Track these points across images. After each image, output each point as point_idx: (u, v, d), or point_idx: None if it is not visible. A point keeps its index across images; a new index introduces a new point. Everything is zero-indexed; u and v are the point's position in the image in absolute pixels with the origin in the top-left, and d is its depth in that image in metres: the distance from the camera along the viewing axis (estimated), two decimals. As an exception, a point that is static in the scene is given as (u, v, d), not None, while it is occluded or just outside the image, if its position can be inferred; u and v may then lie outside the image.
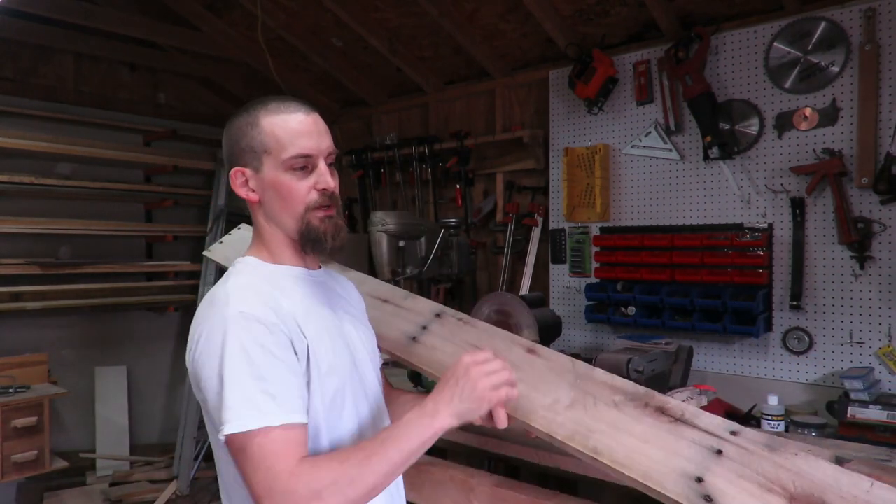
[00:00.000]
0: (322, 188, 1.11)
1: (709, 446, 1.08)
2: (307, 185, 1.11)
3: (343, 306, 1.24)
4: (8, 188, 3.51)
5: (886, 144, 2.22)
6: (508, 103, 3.46)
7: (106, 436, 4.00)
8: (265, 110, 1.12)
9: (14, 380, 3.04)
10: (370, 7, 3.22)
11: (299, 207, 1.11)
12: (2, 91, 3.70)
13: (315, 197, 1.11)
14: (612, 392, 1.20)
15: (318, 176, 1.11)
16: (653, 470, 1.06)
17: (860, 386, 2.08)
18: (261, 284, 1.09)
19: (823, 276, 2.38)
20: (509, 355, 1.30)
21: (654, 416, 1.14)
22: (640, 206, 2.85)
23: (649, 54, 2.79)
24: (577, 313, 3.01)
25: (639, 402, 1.17)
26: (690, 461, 1.06)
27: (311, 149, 1.10)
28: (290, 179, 1.10)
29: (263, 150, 1.11)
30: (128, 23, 3.73)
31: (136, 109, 4.32)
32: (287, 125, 1.10)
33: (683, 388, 2.13)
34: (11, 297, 3.49)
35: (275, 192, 1.12)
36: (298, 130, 1.10)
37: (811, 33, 2.37)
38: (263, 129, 1.11)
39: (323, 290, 1.20)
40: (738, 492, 1.01)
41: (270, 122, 1.11)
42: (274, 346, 1.00)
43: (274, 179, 1.11)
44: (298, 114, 1.12)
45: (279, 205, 1.12)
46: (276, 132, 1.10)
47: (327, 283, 1.24)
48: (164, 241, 4.26)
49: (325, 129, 1.14)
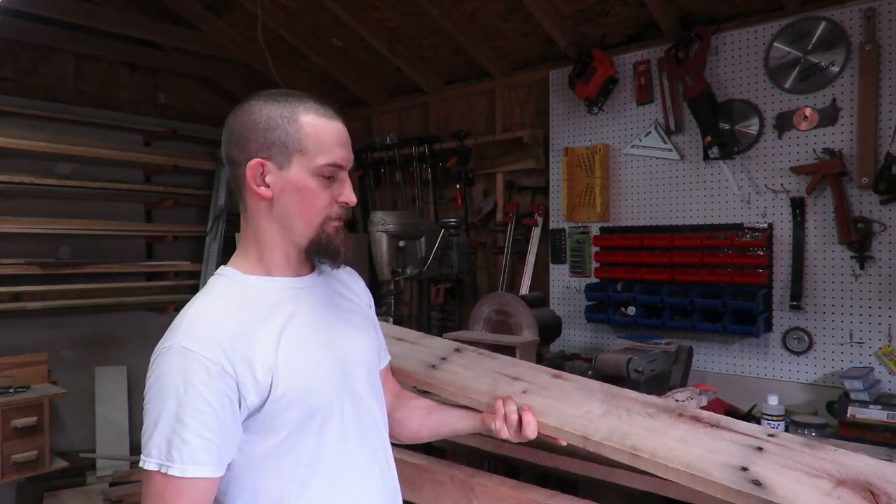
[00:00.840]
0: (344, 201, 1.10)
1: (748, 444, 1.10)
2: (330, 195, 1.09)
3: (336, 311, 1.19)
4: (8, 188, 3.51)
5: (886, 144, 2.22)
6: (508, 103, 3.46)
7: (106, 436, 4.00)
8: (304, 108, 1.07)
9: (14, 380, 3.04)
10: (370, 7, 3.22)
11: (318, 216, 1.09)
12: (2, 91, 3.70)
13: (336, 209, 1.10)
14: (644, 406, 1.21)
15: (343, 189, 1.10)
16: (696, 461, 1.07)
17: (860, 386, 2.08)
18: (224, 311, 1.03)
19: (823, 276, 2.38)
20: (535, 380, 1.30)
21: (690, 423, 1.16)
22: (640, 206, 2.85)
23: (649, 54, 2.79)
24: (577, 313, 3.01)
25: (672, 413, 1.19)
26: (732, 455, 1.08)
27: (343, 160, 1.09)
28: (316, 186, 1.07)
29: (298, 148, 1.06)
30: (128, 23, 3.73)
31: (136, 109, 4.32)
32: (330, 130, 1.08)
33: (683, 388, 2.13)
34: (11, 297, 3.49)
35: (297, 194, 1.07)
36: (338, 139, 1.09)
37: (811, 33, 2.37)
38: (303, 127, 1.06)
39: (312, 299, 1.14)
40: (785, 479, 1.02)
41: (313, 123, 1.07)
42: (207, 391, 0.96)
43: (301, 182, 1.06)
44: (338, 122, 1.10)
45: (297, 208, 1.07)
46: (320, 135, 1.06)
47: (319, 288, 1.18)
48: (164, 241, 4.26)
49: (350, 142, 1.14)
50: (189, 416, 0.95)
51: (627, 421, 1.18)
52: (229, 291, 1.08)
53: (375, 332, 1.30)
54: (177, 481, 0.94)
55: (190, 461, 0.94)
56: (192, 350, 0.97)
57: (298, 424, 1.05)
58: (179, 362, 0.97)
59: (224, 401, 0.97)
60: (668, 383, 2.41)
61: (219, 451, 0.97)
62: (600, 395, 1.26)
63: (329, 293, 1.20)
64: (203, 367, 0.96)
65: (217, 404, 0.96)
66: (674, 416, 1.17)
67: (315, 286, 1.17)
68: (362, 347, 1.20)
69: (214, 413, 0.96)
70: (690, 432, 1.13)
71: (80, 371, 3.93)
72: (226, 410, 0.98)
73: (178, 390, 0.95)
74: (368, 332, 1.25)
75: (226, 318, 1.02)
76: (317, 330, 1.11)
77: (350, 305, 1.24)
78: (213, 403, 0.96)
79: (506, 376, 1.37)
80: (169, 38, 3.90)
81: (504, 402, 1.24)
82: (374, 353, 1.25)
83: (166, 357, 0.98)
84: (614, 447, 1.12)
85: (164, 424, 0.95)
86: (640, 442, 1.12)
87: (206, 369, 0.96)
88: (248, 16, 3.54)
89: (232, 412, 0.98)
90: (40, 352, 3.32)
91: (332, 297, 1.20)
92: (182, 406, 0.95)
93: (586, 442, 1.15)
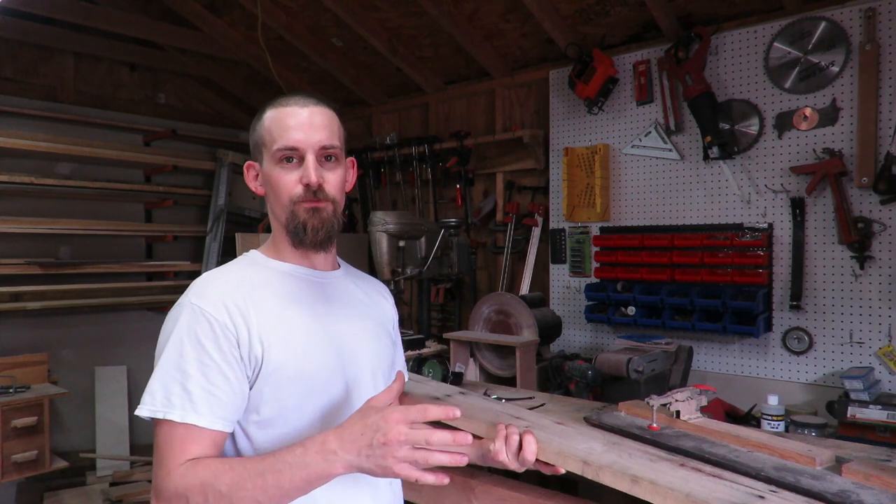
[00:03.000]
0: (305, 182, 1.10)
1: (749, 492, 1.12)
2: (293, 179, 1.11)
3: (349, 311, 1.20)
4: (8, 188, 3.51)
5: (886, 144, 2.22)
6: (508, 103, 3.46)
7: (106, 436, 4.00)
8: (270, 106, 1.15)
9: (14, 380, 3.04)
10: (370, 7, 3.22)
11: (285, 200, 1.12)
12: (2, 91, 3.70)
13: (300, 191, 1.11)
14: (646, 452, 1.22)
15: (304, 170, 1.11)
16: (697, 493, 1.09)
17: (860, 386, 2.08)
18: (236, 280, 1.09)
19: (823, 276, 2.38)
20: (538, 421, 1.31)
21: (692, 471, 1.18)
22: (640, 206, 2.85)
23: (649, 54, 2.79)
24: (577, 313, 3.01)
25: (674, 462, 1.22)
26: (733, 496, 1.10)
27: (297, 141, 1.10)
28: (279, 172, 1.12)
29: (262, 143, 1.14)
30: (128, 23, 3.73)
31: (136, 109, 4.32)
32: (279, 118, 1.12)
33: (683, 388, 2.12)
34: (11, 297, 3.49)
35: (270, 184, 1.14)
36: (288, 124, 1.11)
37: (811, 33, 2.37)
38: (263, 123, 1.14)
39: (324, 292, 1.17)
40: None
41: (269, 116, 1.14)
42: (212, 345, 1.00)
43: (268, 172, 1.14)
44: (294, 107, 1.12)
45: (273, 197, 1.14)
46: (270, 126, 1.13)
47: (337, 285, 1.21)
48: (164, 240, 4.27)
49: (323, 124, 1.13)
50: (194, 369, 0.99)
51: (629, 460, 1.20)
52: (245, 267, 1.15)
53: (390, 344, 1.30)
54: (182, 429, 0.97)
55: (200, 411, 0.97)
56: (200, 307, 1.02)
57: (293, 407, 1.06)
58: (187, 317, 1.02)
59: (228, 357, 1.01)
60: (668, 383, 2.41)
61: (219, 403, 0.99)
62: (602, 438, 1.28)
63: (346, 294, 1.22)
64: (208, 323, 1.01)
65: (220, 360, 1.00)
66: (676, 464, 1.20)
67: (334, 283, 1.21)
68: (370, 350, 1.20)
69: (218, 368, 1.00)
70: (692, 475, 1.16)
71: (80, 371, 3.94)
72: (230, 366, 1.01)
73: (182, 342, 1.00)
74: (381, 340, 1.25)
75: (236, 286, 1.07)
76: (322, 321, 1.13)
77: (365, 310, 1.25)
78: (217, 358, 1.00)
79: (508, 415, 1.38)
80: (169, 38, 3.90)
81: (506, 426, 1.20)
82: (386, 362, 1.25)
83: (175, 312, 1.05)
84: (614, 473, 1.13)
85: (167, 376, 0.99)
86: (641, 472, 1.14)
87: (210, 326, 1.01)
88: (248, 16, 3.54)
89: (236, 369, 1.01)
90: (40, 352, 3.32)
91: (348, 298, 1.22)
92: (186, 359, 0.99)
93: (586, 467, 1.16)
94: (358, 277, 1.30)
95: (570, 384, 2.38)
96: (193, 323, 1.01)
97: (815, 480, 1.22)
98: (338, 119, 1.18)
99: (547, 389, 2.43)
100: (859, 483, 1.21)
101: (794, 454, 1.33)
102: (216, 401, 0.99)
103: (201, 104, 4.72)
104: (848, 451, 1.41)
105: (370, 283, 1.34)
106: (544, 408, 1.85)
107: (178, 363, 0.99)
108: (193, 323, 1.01)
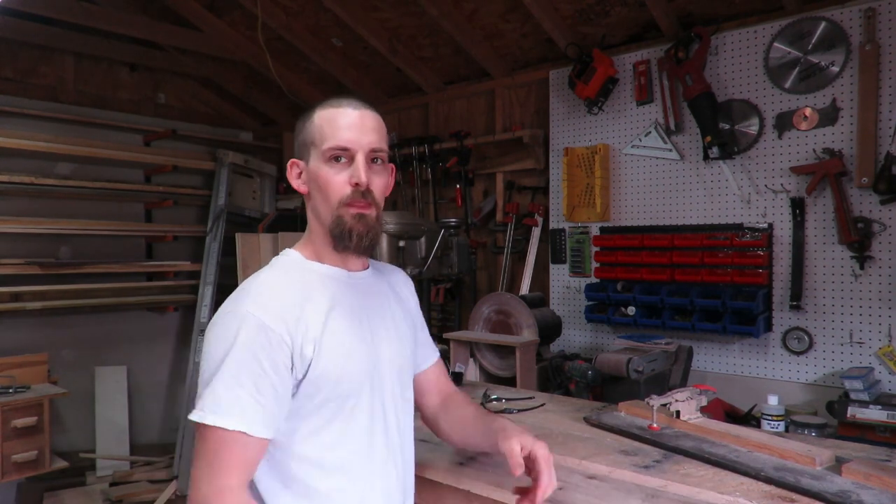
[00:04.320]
0: (354, 182, 1.10)
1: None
2: (342, 179, 1.11)
3: (380, 309, 1.21)
4: (8, 188, 3.51)
5: (886, 144, 2.22)
6: (508, 103, 3.46)
7: (106, 436, 4.00)
8: (320, 106, 1.15)
9: (14, 380, 3.04)
10: (370, 7, 3.22)
11: (333, 200, 1.11)
12: (2, 91, 3.70)
13: (348, 192, 1.10)
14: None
15: (354, 170, 1.10)
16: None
17: (860, 386, 2.08)
18: (287, 286, 1.09)
19: (823, 276, 2.38)
20: (569, 478, 1.28)
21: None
22: (640, 206, 2.85)
23: (649, 54, 2.79)
24: (577, 313, 3.01)
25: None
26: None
27: (348, 141, 1.10)
28: (327, 171, 1.11)
29: (311, 141, 1.14)
30: (128, 23, 3.73)
31: (136, 109, 4.32)
32: (331, 118, 1.12)
33: (683, 388, 2.12)
34: (11, 297, 3.49)
35: (315, 183, 1.13)
36: (340, 123, 1.11)
37: (811, 33, 2.37)
38: (314, 122, 1.14)
39: (359, 294, 1.18)
40: None
41: (320, 115, 1.14)
42: (266, 358, 1.01)
43: (315, 171, 1.13)
44: (347, 108, 1.13)
45: (319, 197, 1.13)
46: (322, 124, 1.12)
47: (369, 285, 1.22)
48: (164, 241, 4.27)
49: (374, 127, 1.13)
50: (248, 379, 1.00)
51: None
52: (290, 269, 1.15)
53: (416, 333, 1.32)
54: (232, 437, 0.98)
55: (250, 420, 0.98)
56: (257, 317, 1.02)
57: (328, 410, 1.08)
58: (239, 325, 1.02)
59: (280, 368, 1.02)
60: (668, 383, 2.41)
61: (267, 413, 1.01)
62: (640, 493, 1.22)
63: (379, 293, 1.23)
64: (265, 336, 1.01)
65: (272, 370, 1.01)
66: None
67: (365, 283, 1.21)
68: (398, 348, 1.22)
69: (269, 381, 1.01)
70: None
71: (80, 371, 3.94)
72: (280, 377, 1.02)
73: (239, 353, 1.00)
74: (407, 336, 1.27)
75: (286, 291, 1.08)
76: (357, 322, 1.14)
77: (395, 307, 1.26)
78: (268, 369, 1.01)
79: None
80: (169, 38, 3.90)
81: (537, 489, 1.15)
82: (409, 356, 1.26)
83: (228, 320, 1.03)
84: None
85: (222, 384, 0.99)
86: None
87: (268, 339, 1.01)
88: (248, 16, 3.54)
89: (284, 380, 1.03)
90: (40, 352, 3.32)
91: (380, 298, 1.23)
92: (241, 369, 1.00)
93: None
94: (383, 271, 1.31)
95: (570, 384, 2.38)
96: (252, 334, 1.01)
97: (815, 480, 1.22)
98: (384, 125, 1.18)
99: (547, 389, 2.43)
100: (859, 483, 1.21)
101: (794, 454, 1.33)
102: (268, 410, 1.01)
103: (201, 104, 4.72)
104: (848, 451, 1.41)
105: (393, 273, 1.35)
106: (544, 408, 1.85)
107: (233, 373, 1.00)
108: (252, 334, 1.01)
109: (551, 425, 1.67)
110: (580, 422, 1.70)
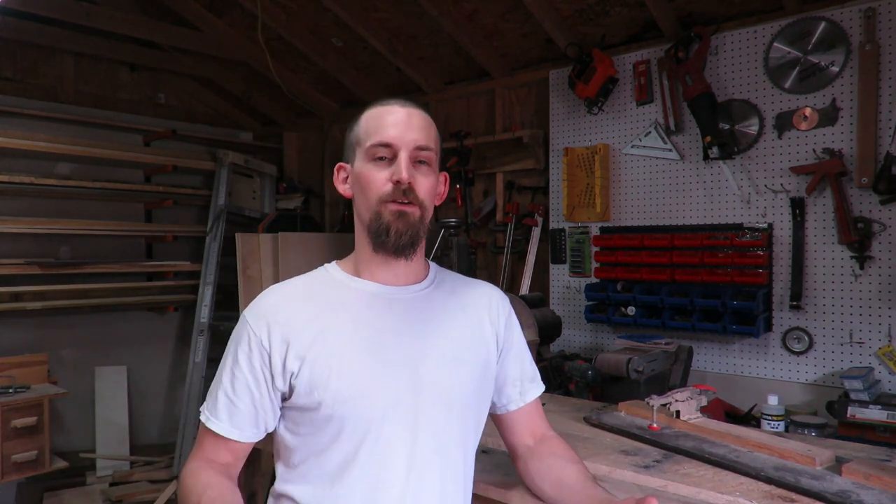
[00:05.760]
0: (395, 179, 1.04)
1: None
2: (384, 176, 1.06)
3: (432, 330, 1.08)
4: (8, 188, 3.51)
5: (886, 144, 2.22)
6: (508, 103, 3.46)
7: (106, 436, 4.00)
8: (368, 108, 1.13)
9: (14, 380, 3.04)
10: (370, 7, 3.22)
11: (374, 198, 1.06)
12: (2, 91, 3.70)
13: (388, 189, 1.05)
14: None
15: (395, 167, 1.05)
16: None
17: (860, 386, 2.08)
18: (293, 296, 1.09)
19: (823, 276, 2.38)
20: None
21: None
22: (640, 206, 2.85)
23: (649, 54, 2.79)
24: (577, 313, 3.01)
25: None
26: None
27: (392, 138, 1.06)
28: (370, 169, 1.07)
29: (356, 141, 1.11)
30: (128, 23, 3.73)
31: (136, 109, 4.32)
32: (377, 115, 1.10)
33: (683, 388, 2.13)
34: (11, 297, 3.49)
35: (359, 183, 1.09)
36: (385, 121, 1.08)
37: (811, 33, 2.37)
38: (360, 122, 1.12)
39: (398, 311, 1.08)
40: None
41: (367, 115, 1.12)
42: (244, 360, 1.04)
43: (359, 170, 1.09)
44: (394, 106, 1.10)
45: (361, 197, 1.09)
46: (367, 123, 1.10)
47: (419, 300, 1.11)
48: (164, 241, 4.26)
49: (420, 126, 1.08)
50: (229, 380, 1.05)
51: None
52: (314, 280, 1.14)
53: (494, 361, 1.17)
54: (211, 434, 1.06)
55: (226, 423, 1.05)
56: (247, 320, 1.07)
57: (326, 432, 1.01)
58: (239, 328, 1.08)
59: (256, 372, 1.04)
60: (668, 383, 2.41)
61: (241, 416, 1.04)
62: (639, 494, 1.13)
63: (427, 310, 1.11)
64: (247, 336, 1.05)
65: (248, 372, 1.04)
66: None
67: (413, 298, 1.11)
68: (451, 374, 1.08)
69: (244, 382, 1.04)
70: None
71: (80, 371, 3.94)
72: (257, 381, 1.04)
73: (228, 352, 1.08)
74: (472, 362, 1.11)
75: (290, 299, 1.09)
76: (386, 342, 1.04)
77: (458, 328, 1.12)
78: (245, 370, 1.04)
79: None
80: (169, 38, 3.90)
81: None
82: (471, 385, 1.10)
83: (237, 323, 1.10)
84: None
85: (218, 384, 1.07)
86: None
87: (248, 340, 1.05)
88: (248, 16, 3.54)
89: (261, 384, 1.04)
90: (40, 352, 3.32)
91: (432, 313, 1.11)
92: (225, 366, 1.07)
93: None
94: (454, 288, 1.17)
95: (570, 384, 2.38)
96: (238, 335, 1.07)
97: (815, 480, 1.22)
98: (436, 129, 1.14)
99: (547, 389, 2.41)
100: (859, 483, 1.21)
101: (794, 454, 1.33)
102: (237, 412, 1.04)
103: (201, 104, 4.72)
104: (848, 451, 1.41)
105: (476, 290, 1.20)
106: (544, 408, 1.84)
107: (219, 372, 1.08)
108: (238, 335, 1.07)
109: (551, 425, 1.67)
110: (580, 422, 1.70)
